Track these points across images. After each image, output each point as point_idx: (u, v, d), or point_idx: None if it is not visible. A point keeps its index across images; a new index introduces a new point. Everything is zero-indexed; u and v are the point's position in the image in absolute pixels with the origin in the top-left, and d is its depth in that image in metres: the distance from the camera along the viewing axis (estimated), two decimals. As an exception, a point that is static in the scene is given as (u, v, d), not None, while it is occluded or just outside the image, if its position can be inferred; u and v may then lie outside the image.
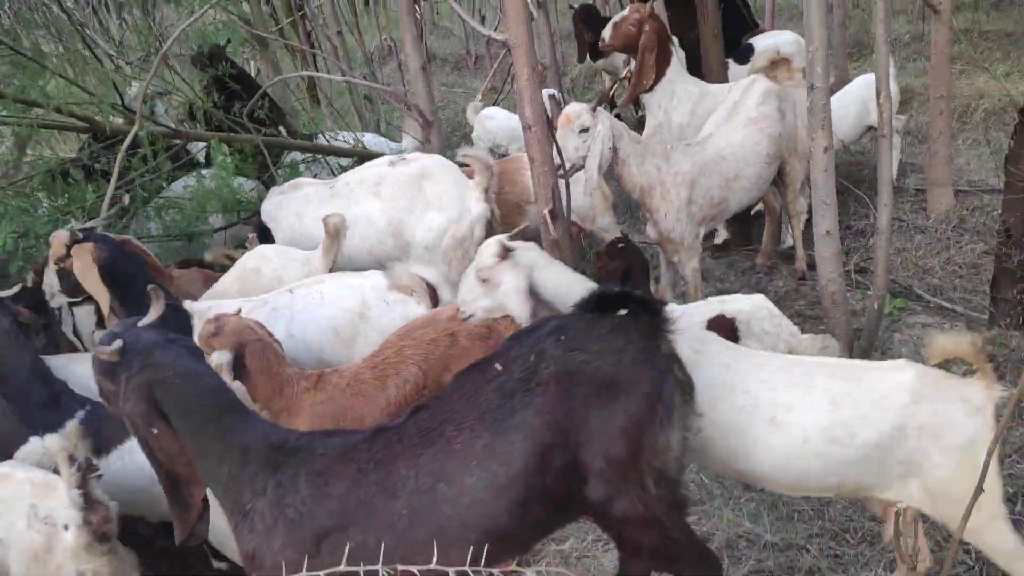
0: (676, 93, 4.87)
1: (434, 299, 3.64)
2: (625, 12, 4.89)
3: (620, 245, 3.80)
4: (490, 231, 4.00)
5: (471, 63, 10.65)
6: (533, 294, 3.17)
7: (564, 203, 3.81)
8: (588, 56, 7.27)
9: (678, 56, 5.32)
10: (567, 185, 3.85)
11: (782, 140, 4.50)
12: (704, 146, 4.36)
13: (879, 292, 3.90)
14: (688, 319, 3.18)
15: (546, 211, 3.68)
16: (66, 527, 2.67)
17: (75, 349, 4.17)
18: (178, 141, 4.95)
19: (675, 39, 5.37)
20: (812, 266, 4.15)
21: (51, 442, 2.66)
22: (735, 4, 6.29)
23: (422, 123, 4.90)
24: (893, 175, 4.56)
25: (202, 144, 5.20)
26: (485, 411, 2.40)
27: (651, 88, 4.85)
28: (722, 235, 5.42)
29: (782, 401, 2.77)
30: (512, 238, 3.29)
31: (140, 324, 2.60)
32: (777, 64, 4.58)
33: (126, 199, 4.42)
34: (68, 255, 3.59)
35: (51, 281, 3.75)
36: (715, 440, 2.72)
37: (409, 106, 4.96)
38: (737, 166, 4.35)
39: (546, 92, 4.94)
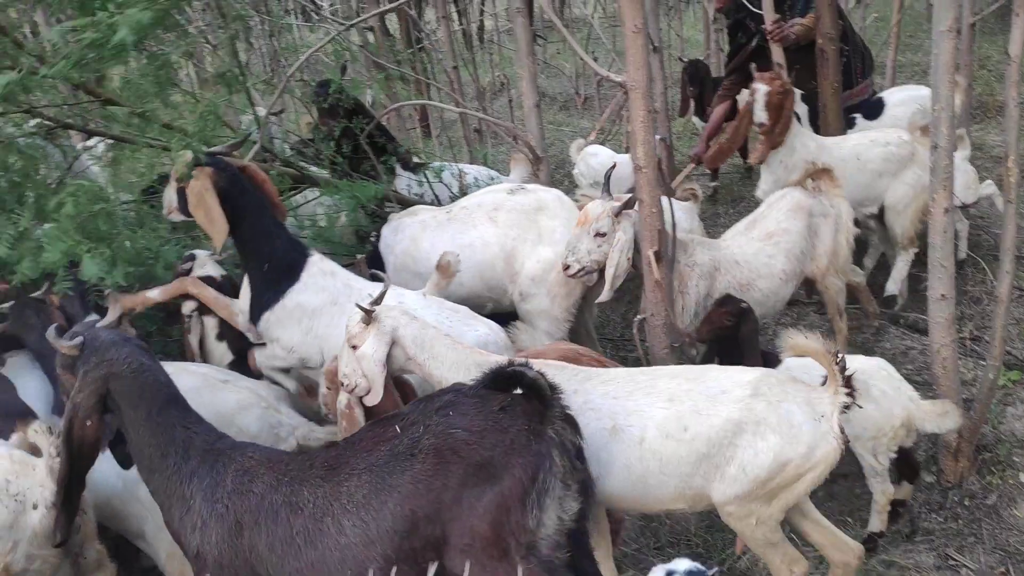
0: (796, 148, 4.80)
1: None
2: (762, 87, 4.76)
3: (731, 299, 3.74)
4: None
5: (579, 103, 10.76)
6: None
7: (670, 246, 3.79)
8: (692, 112, 7.30)
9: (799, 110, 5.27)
10: (673, 227, 3.84)
11: (805, 258, 4.28)
12: (721, 248, 4.19)
13: (994, 362, 3.74)
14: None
15: (651, 252, 3.67)
16: (35, 507, 2.79)
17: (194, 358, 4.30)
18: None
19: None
20: (923, 330, 4.01)
21: (36, 425, 2.89)
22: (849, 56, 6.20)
23: (532, 159, 4.96)
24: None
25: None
26: (373, 465, 2.56)
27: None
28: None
29: (622, 408, 2.81)
30: (374, 303, 3.08)
31: (99, 325, 2.93)
32: (819, 174, 4.41)
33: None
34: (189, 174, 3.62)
35: (170, 198, 3.79)
36: None
37: (521, 141, 5.04)
38: (750, 276, 4.14)
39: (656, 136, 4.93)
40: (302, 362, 3.89)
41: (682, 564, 2.36)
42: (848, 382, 2.77)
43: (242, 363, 4.13)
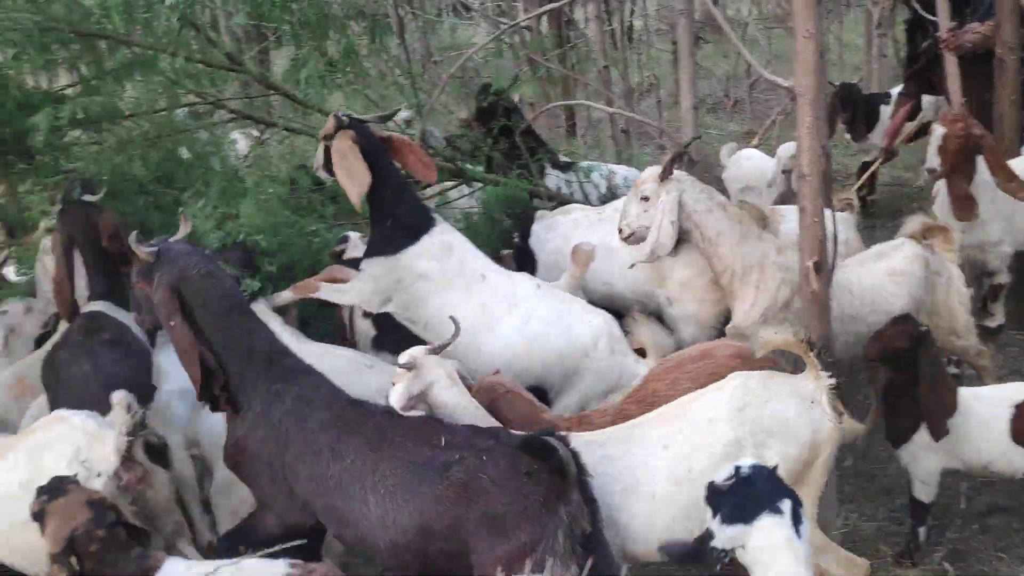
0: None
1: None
2: (942, 131, 4.50)
3: (910, 319, 3.59)
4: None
5: (728, 106, 10.56)
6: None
7: (831, 257, 3.68)
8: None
9: None
10: (835, 239, 3.72)
11: (922, 308, 4.01)
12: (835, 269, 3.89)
13: None
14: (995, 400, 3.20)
15: (810, 263, 3.57)
16: (99, 475, 2.97)
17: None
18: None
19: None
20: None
21: (117, 396, 3.10)
22: None
23: (685, 162, 4.91)
24: None
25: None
26: (411, 461, 2.77)
27: None
28: (997, 319, 4.95)
29: (625, 467, 2.79)
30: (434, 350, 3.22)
31: (172, 240, 3.23)
32: (932, 230, 4.13)
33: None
34: (334, 135, 3.77)
35: (319, 156, 3.94)
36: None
37: (675, 143, 4.99)
38: (861, 308, 3.87)
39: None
40: (380, 306, 3.90)
41: (747, 460, 2.40)
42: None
43: (385, 338, 4.27)
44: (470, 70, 8.07)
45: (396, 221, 3.83)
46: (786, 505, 2.23)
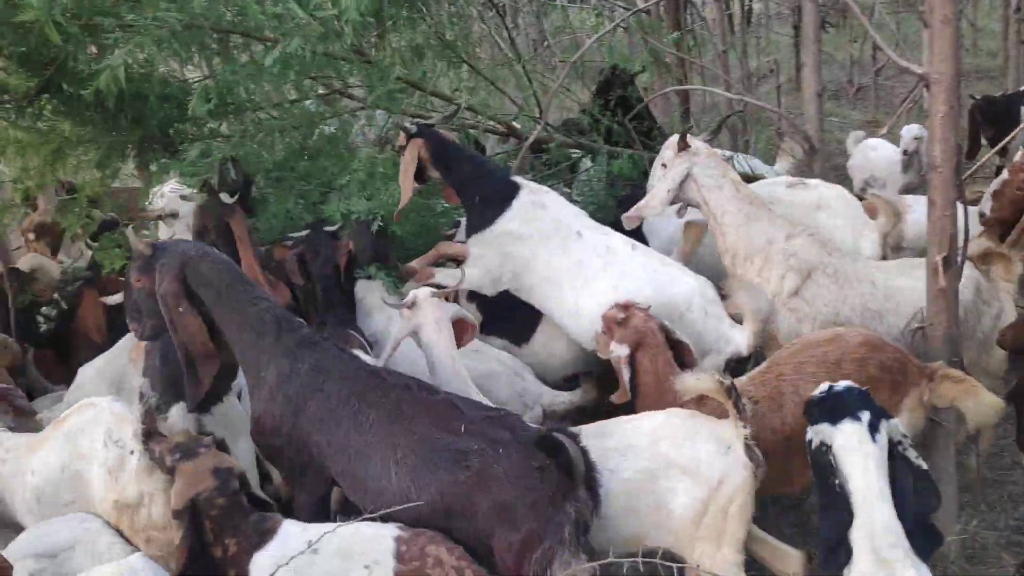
0: None
1: None
2: (1005, 176, 4.21)
3: None
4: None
5: (851, 93, 10.19)
6: None
7: (961, 252, 3.52)
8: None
9: None
10: (966, 234, 3.57)
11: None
12: (855, 258, 3.71)
13: None
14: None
15: (939, 258, 3.43)
16: (132, 452, 3.05)
17: None
18: (575, 151, 5.26)
19: None
20: None
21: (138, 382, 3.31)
22: None
23: (807, 149, 4.78)
24: None
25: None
26: (428, 440, 2.85)
27: None
28: None
29: None
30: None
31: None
32: (991, 257, 3.82)
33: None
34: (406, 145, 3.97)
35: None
36: None
37: (797, 130, 4.86)
38: (883, 304, 3.64)
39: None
40: (494, 285, 3.95)
41: (842, 382, 2.74)
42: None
43: (491, 325, 4.28)
44: (586, 55, 8.03)
45: (483, 197, 3.91)
46: (865, 415, 2.59)
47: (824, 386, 2.72)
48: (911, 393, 3.20)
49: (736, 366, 3.65)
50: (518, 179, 3.98)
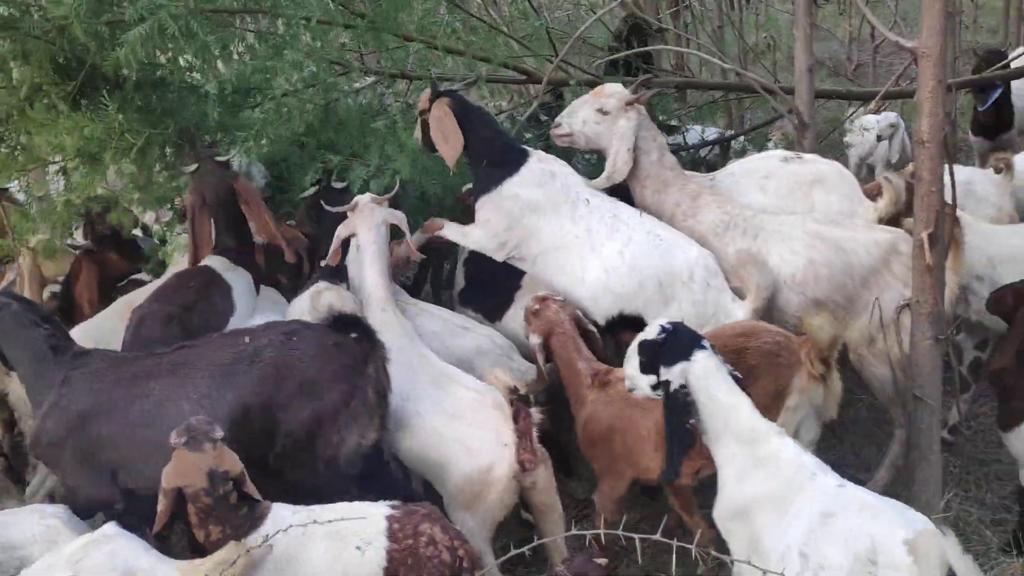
0: None
1: None
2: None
3: None
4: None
5: (850, 69, 10.09)
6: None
7: (946, 229, 3.50)
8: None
9: None
10: (953, 206, 3.54)
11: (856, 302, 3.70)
12: (760, 213, 3.81)
13: None
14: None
15: (925, 234, 3.40)
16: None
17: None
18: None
19: None
20: None
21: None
22: None
23: (798, 125, 4.73)
24: None
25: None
26: (218, 365, 3.15)
27: None
28: None
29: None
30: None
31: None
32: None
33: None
34: (429, 108, 3.94)
35: (417, 133, 4.10)
36: None
37: (789, 107, 4.82)
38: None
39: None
40: (500, 249, 3.94)
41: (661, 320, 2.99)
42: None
43: (471, 293, 4.41)
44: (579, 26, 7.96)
45: (492, 160, 3.90)
46: (707, 342, 2.86)
47: (656, 327, 2.90)
48: (799, 372, 3.23)
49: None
50: (527, 149, 3.99)
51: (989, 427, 4.35)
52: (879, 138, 5.99)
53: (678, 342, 2.85)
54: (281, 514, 2.76)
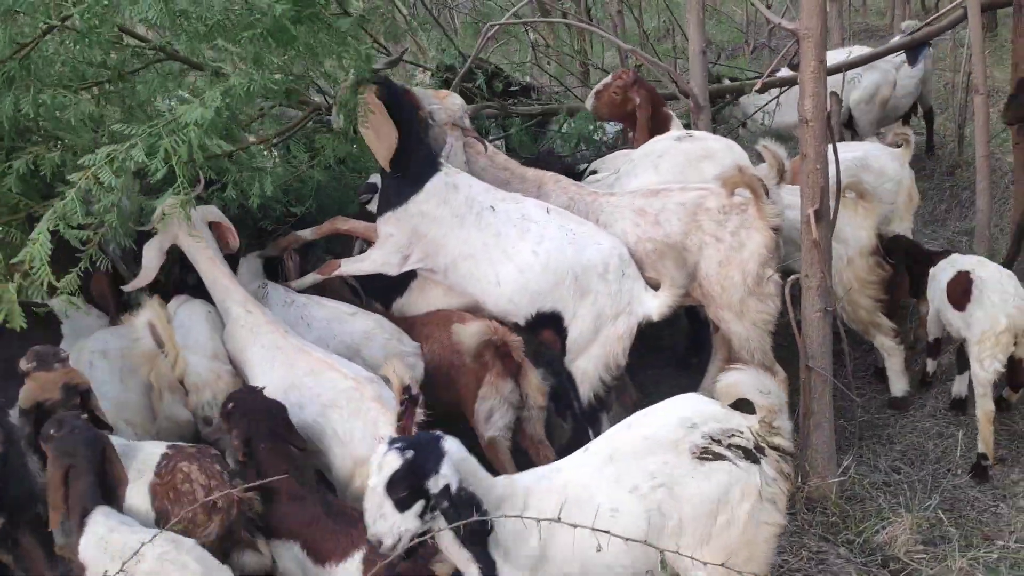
0: None
1: None
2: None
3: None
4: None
5: (747, 52, 10.32)
6: None
7: (832, 205, 3.63)
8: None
9: None
10: (839, 183, 3.68)
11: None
12: (601, 196, 4.13)
13: None
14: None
15: (811, 210, 3.53)
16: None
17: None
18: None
19: None
20: None
21: None
22: None
23: (693, 107, 4.84)
24: None
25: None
26: None
27: None
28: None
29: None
30: None
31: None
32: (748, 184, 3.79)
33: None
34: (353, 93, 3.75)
35: (336, 119, 3.94)
36: None
37: (682, 89, 4.92)
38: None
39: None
40: (401, 264, 3.93)
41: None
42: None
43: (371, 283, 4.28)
44: (483, 13, 7.95)
45: (404, 173, 3.85)
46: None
47: (388, 458, 2.50)
48: (491, 370, 3.57)
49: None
50: (440, 162, 3.93)
51: (879, 392, 4.55)
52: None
53: (422, 449, 2.54)
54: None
